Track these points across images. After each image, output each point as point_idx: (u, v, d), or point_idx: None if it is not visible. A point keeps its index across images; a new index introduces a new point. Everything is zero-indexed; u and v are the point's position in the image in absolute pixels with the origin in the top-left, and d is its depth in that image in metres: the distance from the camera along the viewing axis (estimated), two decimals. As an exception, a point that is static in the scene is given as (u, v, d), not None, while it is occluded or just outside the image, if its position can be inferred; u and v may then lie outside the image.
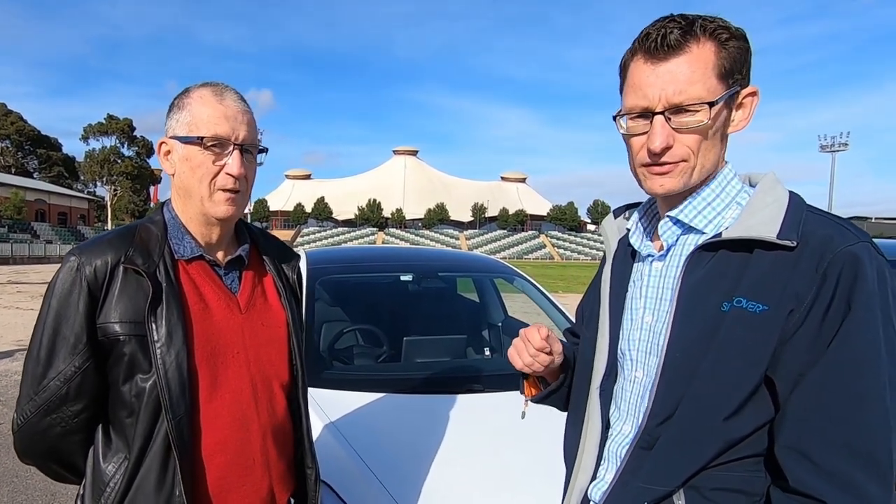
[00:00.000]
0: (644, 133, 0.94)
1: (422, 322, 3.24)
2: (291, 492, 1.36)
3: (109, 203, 66.41)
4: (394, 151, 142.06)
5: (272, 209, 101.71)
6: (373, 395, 2.22)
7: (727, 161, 0.99)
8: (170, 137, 1.20)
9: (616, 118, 0.98)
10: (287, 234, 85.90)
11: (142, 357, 1.11)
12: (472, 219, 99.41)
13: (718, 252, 0.92)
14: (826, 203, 52.89)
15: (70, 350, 1.10)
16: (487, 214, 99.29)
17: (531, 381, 1.26)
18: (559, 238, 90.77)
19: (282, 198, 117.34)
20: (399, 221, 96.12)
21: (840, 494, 0.80)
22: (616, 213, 1.19)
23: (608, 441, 1.05)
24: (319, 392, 2.21)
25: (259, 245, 1.37)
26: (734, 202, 0.96)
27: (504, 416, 2.03)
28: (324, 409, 2.08)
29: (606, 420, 1.05)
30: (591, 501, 1.05)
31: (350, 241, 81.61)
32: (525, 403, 1.27)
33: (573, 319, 2.99)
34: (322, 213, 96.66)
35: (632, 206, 1.16)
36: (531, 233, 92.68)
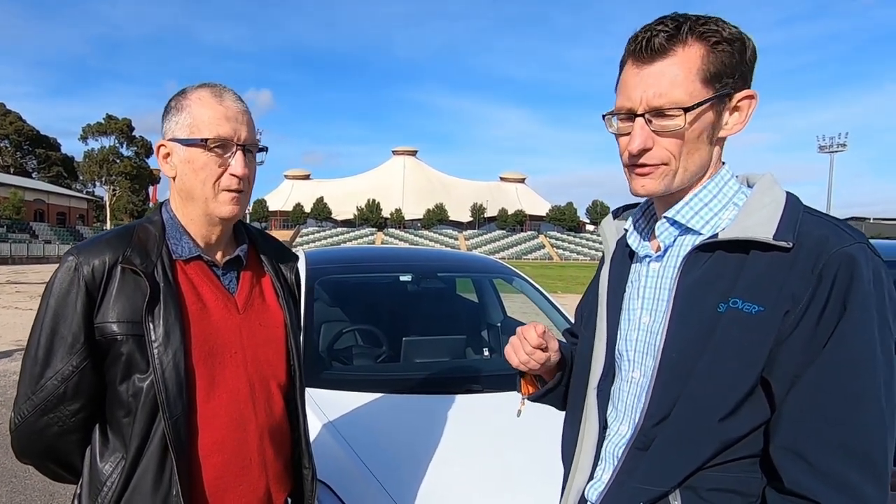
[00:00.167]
0: (629, 134, 0.95)
1: (421, 322, 3.24)
2: (288, 492, 1.36)
3: (108, 203, 66.32)
4: (393, 151, 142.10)
5: (271, 209, 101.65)
6: (372, 396, 2.22)
7: (724, 162, 0.99)
8: (169, 140, 1.19)
9: (605, 117, 0.99)
10: (286, 235, 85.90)
11: (139, 357, 1.11)
12: (472, 219, 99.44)
13: (715, 253, 0.91)
14: (824, 203, 52.89)
15: (68, 349, 1.10)
16: (486, 215, 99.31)
17: (528, 380, 1.27)
18: (558, 238, 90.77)
19: (281, 198, 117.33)
20: (398, 222, 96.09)
21: (835, 495, 0.80)
22: (615, 214, 1.19)
23: (605, 441, 1.05)
24: (318, 392, 2.21)
25: (257, 245, 1.37)
26: (731, 203, 0.96)
27: (503, 417, 2.03)
28: (323, 410, 2.08)
29: (604, 420, 1.05)
30: (588, 502, 1.05)
31: (349, 242, 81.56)
32: (521, 402, 1.27)
33: (572, 320, 2.99)
34: (321, 214, 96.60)
35: (630, 207, 1.16)
36: (530, 233, 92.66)
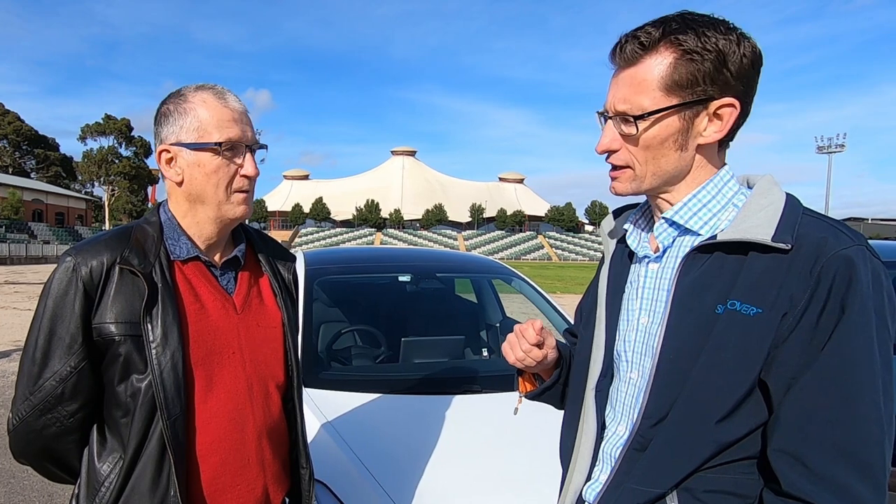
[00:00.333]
0: None
1: (420, 323, 3.24)
2: (286, 491, 1.36)
3: (107, 203, 66.16)
4: (392, 152, 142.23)
5: (270, 209, 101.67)
6: (370, 396, 2.22)
7: (726, 163, 0.99)
8: (172, 144, 1.17)
9: (597, 114, 1.01)
10: (285, 235, 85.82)
11: (137, 357, 1.11)
12: (470, 219, 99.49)
13: (713, 254, 0.91)
14: (823, 204, 52.96)
15: (66, 350, 1.10)
16: (485, 215, 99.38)
17: (526, 378, 1.27)
18: (557, 239, 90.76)
19: (280, 198, 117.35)
20: (397, 222, 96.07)
21: (832, 498, 0.80)
22: (615, 214, 1.19)
23: (603, 442, 1.04)
24: (317, 393, 2.21)
25: (255, 245, 1.36)
26: (730, 204, 0.96)
27: (501, 417, 2.03)
28: (322, 410, 2.08)
29: (602, 421, 1.05)
30: (586, 502, 1.05)
31: (348, 242, 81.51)
32: (519, 399, 1.27)
33: (571, 320, 2.99)
34: (320, 214, 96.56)
35: (631, 207, 1.15)
36: (529, 233, 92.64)
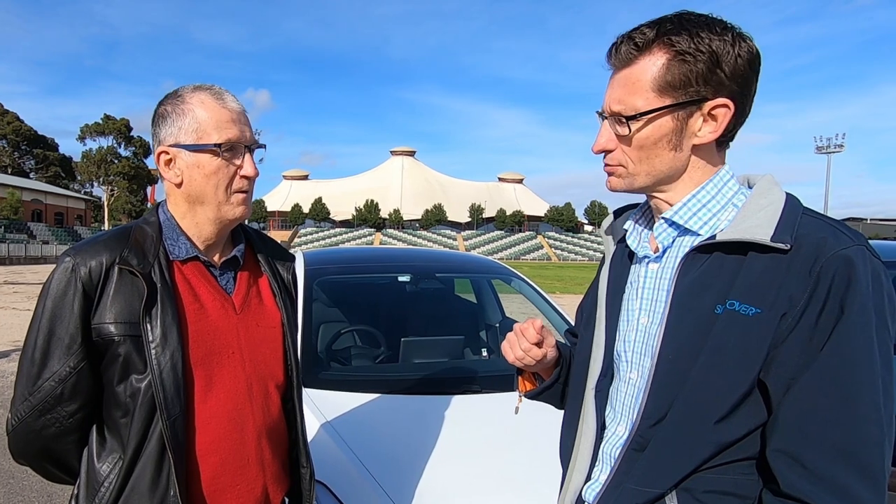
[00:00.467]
0: None
1: (419, 323, 3.24)
2: (286, 491, 1.36)
3: (106, 203, 66.11)
4: (391, 152, 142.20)
5: (269, 209, 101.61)
6: (370, 396, 2.22)
7: (726, 163, 0.99)
8: (171, 146, 1.17)
9: (597, 114, 1.02)
10: (284, 235, 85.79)
11: (137, 357, 1.11)
12: (470, 219, 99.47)
13: (713, 254, 0.91)
14: (822, 204, 53.02)
15: (65, 351, 1.10)
16: (485, 215, 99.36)
17: (526, 377, 1.27)
18: (556, 239, 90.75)
19: (279, 198, 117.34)
20: (396, 222, 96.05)
21: (831, 499, 0.79)
22: (616, 214, 1.18)
23: (603, 442, 1.04)
24: (317, 393, 2.21)
25: (254, 245, 1.36)
26: (730, 203, 0.96)
27: (501, 417, 2.03)
28: (321, 410, 2.08)
29: (602, 421, 1.05)
30: (585, 502, 1.05)
31: (347, 242, 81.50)
32: (519, 399, 1.27)
33: (570, 320, 2.99)
34: (319, 214, 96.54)
35: (631, 208, 1.15)
36: (528, 233, 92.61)
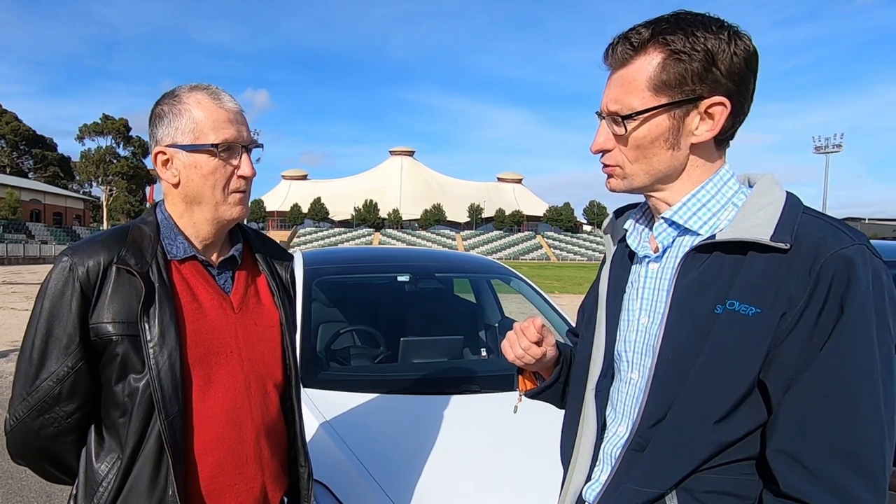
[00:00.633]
0: None
1: (418, 323, 3.24)
2: (285, 491, 1.36)
3: (105, 203, 66.05)
4: (390, 152, 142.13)
5: (268, 209, 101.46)
6: (369, 396, 2.22)
7: (726, 162, 0.99)
8: (168, 146, 1.17)
9: (596, 114, 1.01)
10: (283, 235, 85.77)
11: (135, 357, 1.11)
12: (469, 219, 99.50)
13: (712, 254, 0.91)
14: (820, 204, 53.09)
15: (63, 350, 1.10)
16: (484, 215, 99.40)
17: (526, 376, 1.27)
18: (555, 239, 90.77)
19: (278, 198, 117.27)
20: (396, 222, 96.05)
21: (831, 499, 0.79)
22: (616, 214, 1.18)
23: (603, 442, 1.04)
24: (316, 393, 2.20)
25: (252, 245, 1.36)
26: (730, 203, 0.95)
27: (500, 417, 2.03)
28: (320, 410, 2.08)
29: (602, 421, 1.05)
30: (586, 502, 1.05)
31: (347, 242, 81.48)
32: (519, 398, 1.27)
33: (569, 320, 2.98)
34: (319, 214, 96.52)
35: (631, 208, 1.15)
36: (527, 233, 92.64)
